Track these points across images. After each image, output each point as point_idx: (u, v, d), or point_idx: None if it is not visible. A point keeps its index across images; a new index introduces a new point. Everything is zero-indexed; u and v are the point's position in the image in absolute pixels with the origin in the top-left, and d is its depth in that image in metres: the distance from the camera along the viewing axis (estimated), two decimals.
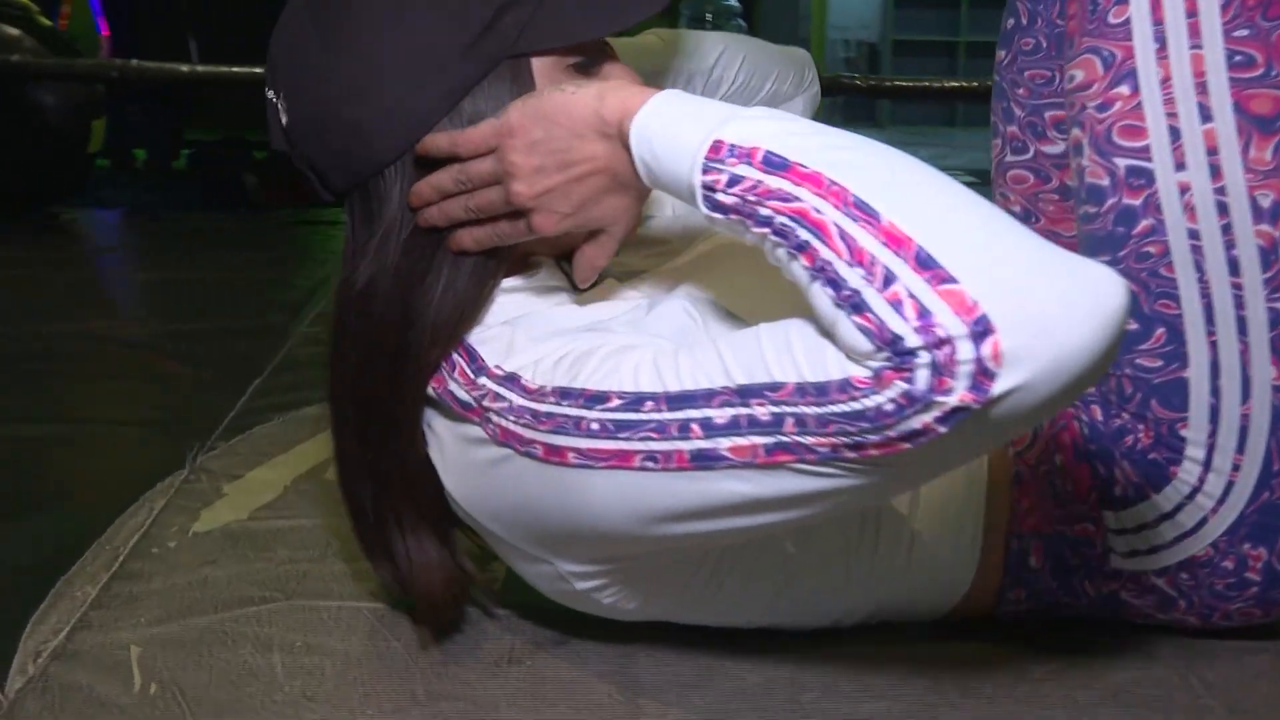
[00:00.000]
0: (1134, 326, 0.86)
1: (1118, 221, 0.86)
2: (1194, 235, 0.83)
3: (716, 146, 0.68)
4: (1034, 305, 0.60)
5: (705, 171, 0.68)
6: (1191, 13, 0.83)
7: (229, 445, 1.41)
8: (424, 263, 0.82)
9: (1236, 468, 0.85)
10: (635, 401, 0.72)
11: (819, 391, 0.64)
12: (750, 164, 0.67)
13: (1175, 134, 0.83)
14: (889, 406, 0.62)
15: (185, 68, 3.52)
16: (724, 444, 0.68)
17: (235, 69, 3.38)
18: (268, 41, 0.85)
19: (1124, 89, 0.85)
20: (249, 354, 1.80)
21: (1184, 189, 0.83)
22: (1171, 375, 0.85)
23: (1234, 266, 0.83)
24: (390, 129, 0.80)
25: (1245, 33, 0.82)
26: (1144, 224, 0.85)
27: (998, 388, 0.59)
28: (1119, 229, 0.86)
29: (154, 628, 0.97)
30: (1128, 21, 0.85)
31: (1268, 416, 0.84)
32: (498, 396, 0.78)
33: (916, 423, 0.61)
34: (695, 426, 0.69)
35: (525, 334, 0.81)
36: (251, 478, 1.31)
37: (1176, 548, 0.88)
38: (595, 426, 0.72)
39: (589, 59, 0.83)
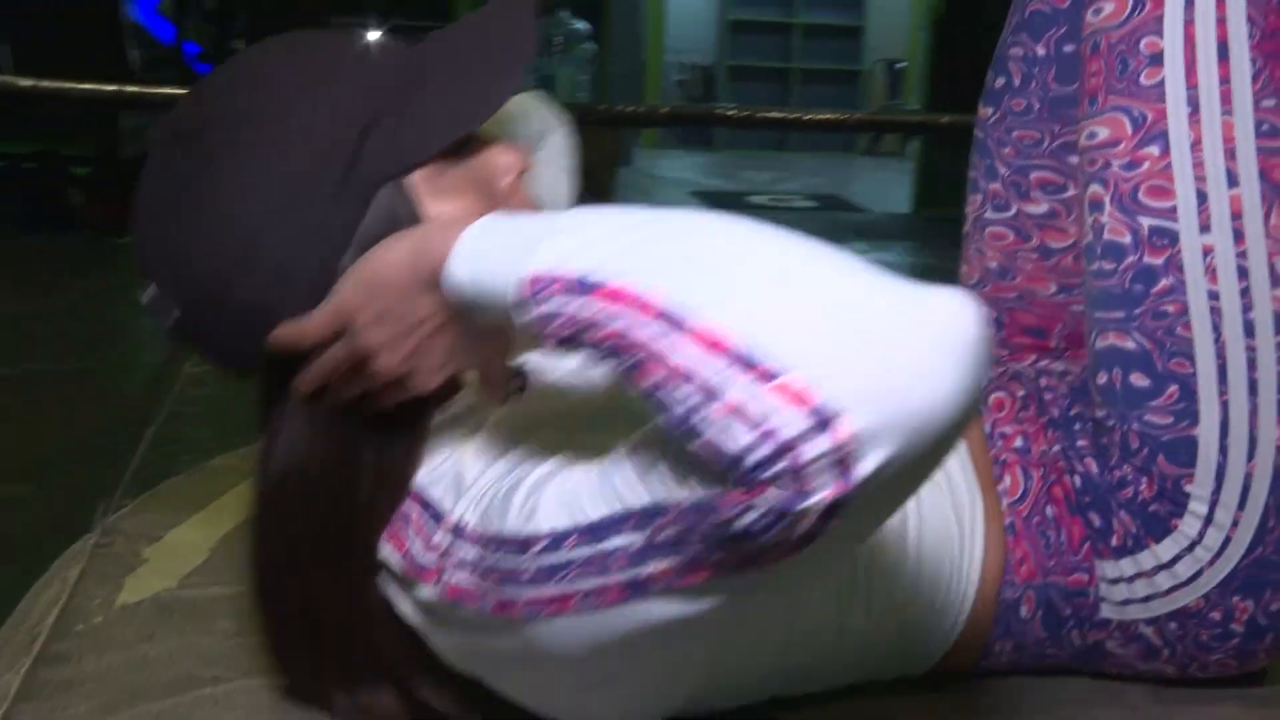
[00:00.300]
0: (1145, 383, 0.88)
1: (1136, 279, 0.88)
2: (1214, 296, 0.86)
3: (527, 286, 0.63)
4: (876, 369, 0.54)
5: (525, 314, 0.64)
6: (1225, 80, 0.85)
7: (138, 502, 1.28)
8: (351, 424, 0.77)
9: (1235, 523, 0.87)
10: (557, 541, 0.67)
11: (702, 510, 0.59)
12: (562, 294, 0.62)
13: (1202, 197, 0.85)
14: (764, 521, 0.56)
15: None
16: (646, 570, 0.64)
17: (54, 83, 3.12)
18: (92, 49, 0.78)
19: (1153, 149, 0.87)
20: (131, 397, 1.66)
21: (1207, 251, 0.85)
22: (1182, 433, 0.87)
23: (1249, 328, 0.85)
24: (282, 299, 0.75)
25: (1272, 103, 0.85)
26: (1164, 283, 0.87)
27: (863, 470, 0.54)
28: (1136, 286, 0.88)
29: (99, 718, 0.86)
30: (1161, 83, 0.87)
31: (1269, 475, 0.86)
32: (449, 553, 0.72)
33: (799, 529, 0.56)
34: (618, 556, 0.64)
35: (466, 466, 0.77)
36: (172, 539, 1.18)
37: (1170, 597, 0.90)
38: (529, 576, 0.68)
39: (463, 150, 0.79)
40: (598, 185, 4.52)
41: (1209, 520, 0.87)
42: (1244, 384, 0.86)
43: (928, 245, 3.75)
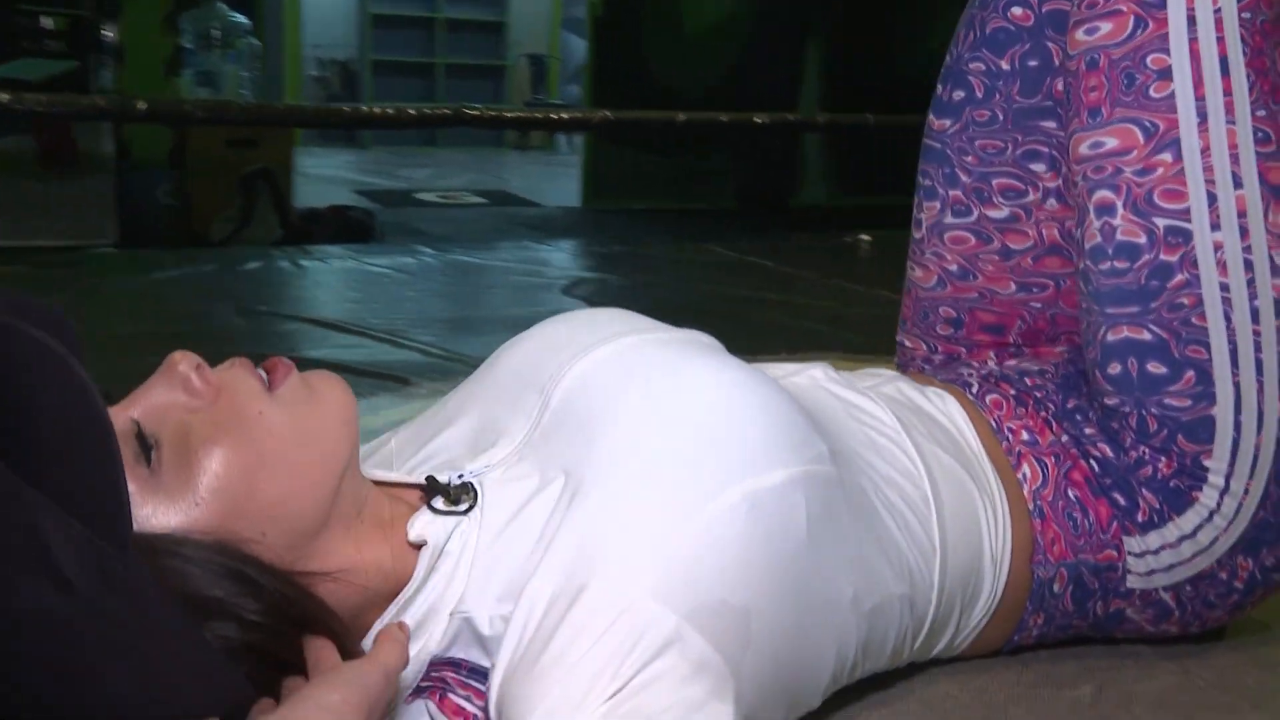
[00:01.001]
0: (1163, 370, 0.96)
1: (1152, 276, 0.96)
2: (1225, 288, 0.95)
3: None
4: None
5: None
6: (1228, 92, 0.94)
7: None
8: None
9: (1246, 491, 0.97)
10: None
11: None
12: None
13: (1212, 198, 0.94)
14: None
15: None
16: None
17: None
18: None
19: (1166, 156, 0.95)
20: None
21: (1218, 247, 0.94)
22: (1201, 413, 0.96)
23: (1255, 315, 0.95)
24: None
25: (1263, 113, 0.95)
26: (1179, 278, 0.95)
27: None
28: (1153, 283, 0.96)
29: None
30: (1171, 96, 0.95)
31: (1273, 445, 0.97)
32: None
33: None
34: None
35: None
36: None
37: (1192, 563, 0.99)
38: None
39: None
40: (277, 192, 4.30)
41: (1225, 490, 0.97)
42: (1252, 365, 0.95)
43: (598, 237, 3.90)
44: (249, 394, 0.76)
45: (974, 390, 1.07)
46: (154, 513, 0.70)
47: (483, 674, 0.79)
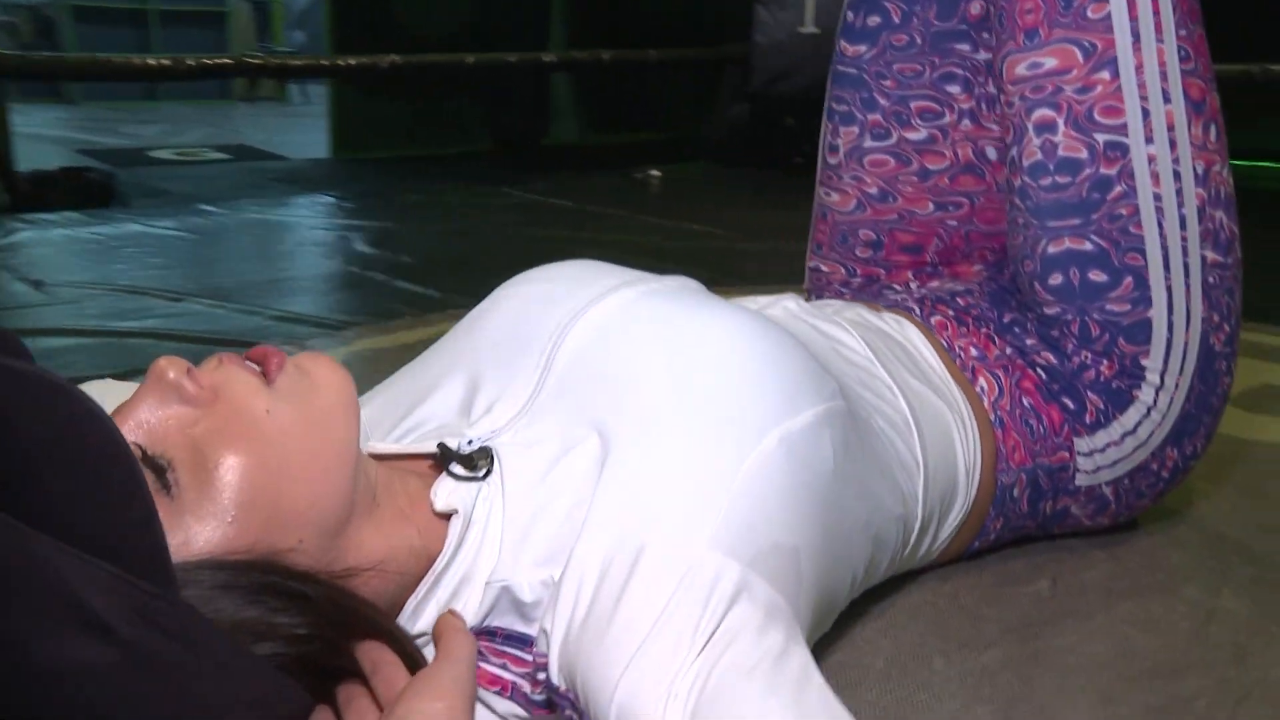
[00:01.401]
0: (1103, 278, 1.02)
1: (1093, 189, 1.01)
2: (1158, 198, 1.01)
3: None
4: None
5: None
6: (1156, 12, 1.00)
7: None
8: None
9: (1177, 386, 1.05)
10: None
11: None
12: None
13: (1146, 114, 1.00)
14: None
15: None
16: None
17: None
18: None
19: (1105, 74, 1.00)
20: None
21: (1151, 159, 1.00)
22: (1139, 316, 1.02)
23: (1183, 222, 1.02)
24: None
25: (1184, 32, 1.01)
26: (1117, 190, 1.01)
27: None
28: (1094, 195, 1.01)
29: None
30: (1107, 17, 0.99)
31: (1198, 342, 1.04)
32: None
33: None
34: None
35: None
36: None
37: (1131, 457, 1.06)
38: None
39: None
40: None
41: (1160, 387, 1.04)
42: (1182, 269, 1.02)
43: (350, 188, 3.78)
44: (249, 392, 0.70)
45: (919, 313, 1.10)
46: (187, 539, 0.65)
47: (519, 640, 0.77)
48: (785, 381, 0.81)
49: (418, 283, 2.12)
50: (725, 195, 3.46)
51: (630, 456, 0.76)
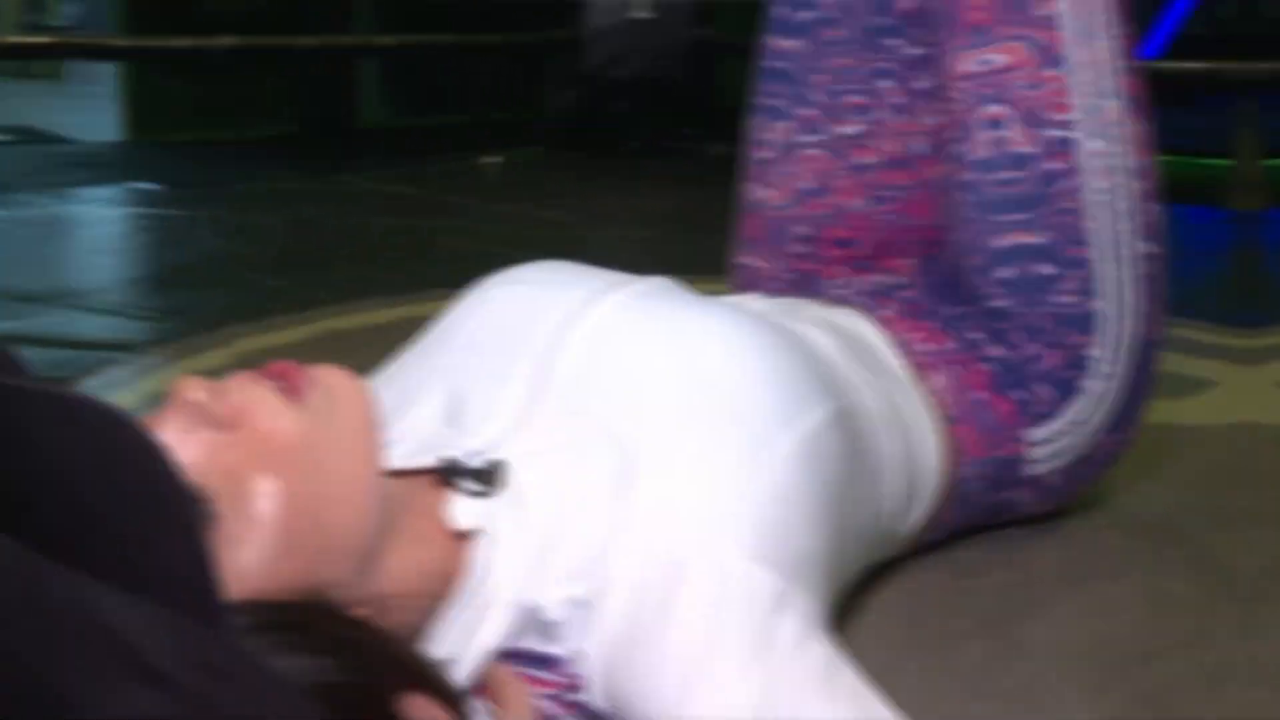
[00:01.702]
0: (1051, 270, 1.04)
1: (1041, 182, 1.03)
2: (1102, 192, 1.03)
3: None
4: None
5: None
6: (1101, 11, 1.02)
7: None
8: None
9: (1120, 375, 1.08)
10: None
11: None
12: None
13: (1093, 110, 1.02)
14: None
15: None
16: None
17: None
18: None
19: (1053, 71, 1.01)
20: None
21: (1097, 154, 1.03)
22: (1087, 308, 1.05)
23: (1127, 215, 1.05)
24: None
25: (1119, 31, 1.04)
26: (1065, 185, 1.03)
27: None
28: (1043, 189, 1.03)
29: None
30: (1054, 15, 1.01)
31: (1136, 333, 1.08)
32: None
33: None
34: None
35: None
36: None
37: (1079, 446, 1.08)
38: None
39: None
40: None
41: (1106, 376, 1.07)
42: (1126, 262, 1.05)
43: (163, 174, 3.56)
44: (276, 413, 0.67)
45: (868, 309, 1.10)
46: (237, 577, 0.60)
47: (541, 661, 0.74)
48: (792, 384, 0.83)
49: (280, 277, 2.00)
50: (568, 182, 3.41)
51: (657, 471, 0.75)
